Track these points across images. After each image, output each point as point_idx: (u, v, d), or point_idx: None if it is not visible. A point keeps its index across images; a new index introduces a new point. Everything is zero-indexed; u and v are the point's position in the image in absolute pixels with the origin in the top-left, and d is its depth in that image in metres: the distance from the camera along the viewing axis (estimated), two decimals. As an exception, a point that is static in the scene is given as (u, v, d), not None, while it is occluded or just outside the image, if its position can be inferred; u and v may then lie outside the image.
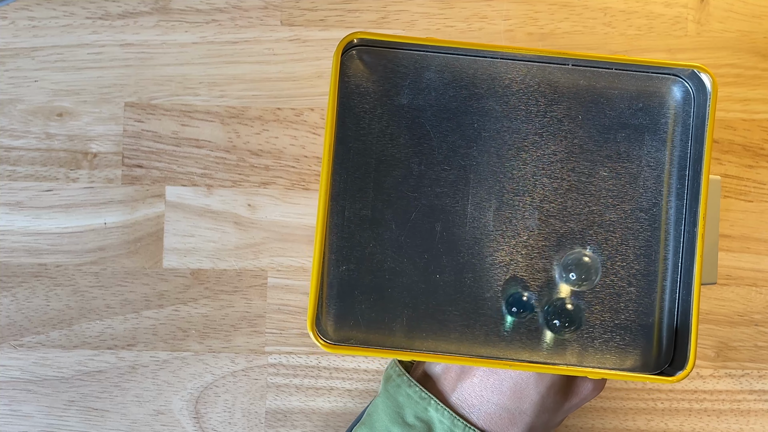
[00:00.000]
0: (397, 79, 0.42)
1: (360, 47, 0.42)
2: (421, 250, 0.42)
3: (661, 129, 0.42)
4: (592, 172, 0.42)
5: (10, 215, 0.58)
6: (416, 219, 0.42)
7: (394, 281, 0.42)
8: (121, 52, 0.59)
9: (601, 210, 0.42)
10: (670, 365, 0.42)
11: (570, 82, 0.42)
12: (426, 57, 0.42)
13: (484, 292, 0.42)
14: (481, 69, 0.42)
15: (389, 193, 0.42)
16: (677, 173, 0.42)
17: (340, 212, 0.42)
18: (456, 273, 0.42)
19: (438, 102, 0.42)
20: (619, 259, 0.42)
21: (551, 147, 0.42)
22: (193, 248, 0.58)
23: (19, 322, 0.58)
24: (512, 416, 0.45)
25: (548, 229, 0.42)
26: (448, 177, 0.42)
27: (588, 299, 0.42)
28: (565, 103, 0.42)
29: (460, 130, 0.42)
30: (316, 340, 0.40)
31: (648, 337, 0.42)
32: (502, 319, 0.42)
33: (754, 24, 0.59)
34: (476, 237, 0.42)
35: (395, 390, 0.47)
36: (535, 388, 0.44)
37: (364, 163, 0.42)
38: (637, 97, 0.42)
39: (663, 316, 0.42)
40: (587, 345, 0.42)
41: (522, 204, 0.42)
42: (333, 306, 0.42)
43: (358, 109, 0.42)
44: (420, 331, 0.42)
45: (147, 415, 0.58)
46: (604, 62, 0.42)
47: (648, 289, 0.42)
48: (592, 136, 0.42)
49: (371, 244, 0.42)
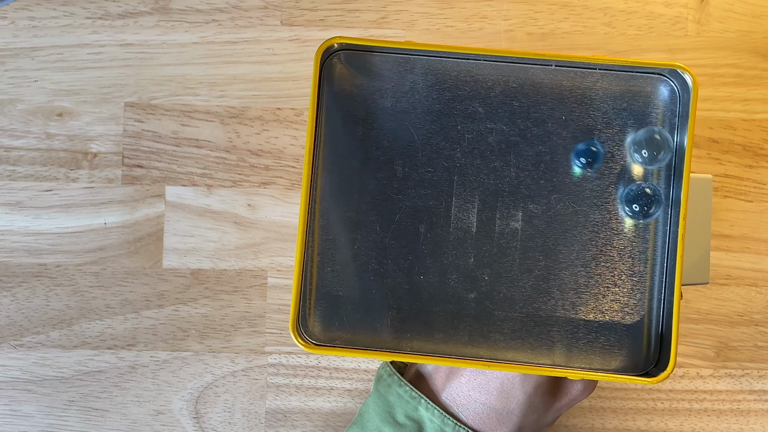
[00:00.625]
0: (380, 82, 0.42)
1: (343, 51, 0.42)
2: (406, 251, 0.42)
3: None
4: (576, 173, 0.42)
5: (10, 215, 0.58)
6: (400, 220, 0.42)
7: (379, 282, 0.42)
8: (121, 52, 0.59)
9: (585, 211, 0.42)
10: (655, 366, 0.42)
11: (553, 82, 0.42)
12: (409, 60, 0.42)
13: (468, 293, 0.42)
14: (464, 71, 0.42)
15: (373, 195, 0.42)
16: (664, 173, 0.42)
17: (325, 214, 0.42)
18: (440, 274, 0.42)
19: (421, 104, 0.42)
20: (603, 260, 0.42)
21: (535, 148, 0.42)
22: (193, 248, 0.58)
23: (19, 322, 0.58)
24: (500, 416, 0.45)
25: (532, 230, 0.42)
26: (432, 179, 0.42)
27: (573, 299, 0.42)
28: (548, 104, 0.42)
29: (443, 132, 0.42)
30: (298, 342, 0.41)
31: (634, 338, 0.42)
32: (491, 320, 0.42)
33: (754, 24, 0.59)
34: (460, 238, 0.42)
35: (386, 390, 0.47)
36: (521, 388, 0.44)
37: (349, 166, 0.42)
38: (621, 96, 0.42)
39: (650, 317, 0.42)
40: (572, 345, 0.42)
41: (505, 205, 0.42)
42: (319, 307, 0.42)
43: (341, 111, 0.42)
44: (405, 332, 0.42)
45: (147, 415, 0.58)
46: (586, 63, 0.42)
47: (633, 289, 0.42)
48: (576, 137, 0.42)
49: (356, 246, 0.42)
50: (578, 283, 0.42)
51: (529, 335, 0.42)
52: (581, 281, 0.42)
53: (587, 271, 0.42)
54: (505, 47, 0.59)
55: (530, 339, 0.42)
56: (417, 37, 0.59)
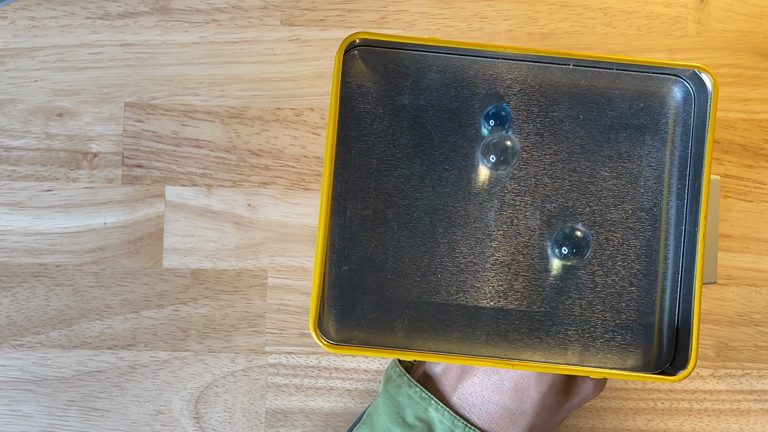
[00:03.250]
0: (398, 80, 0.42)
1: (361, 47, 0.42)
2: (423, 250, 0.42)
3: (662, 129, 0.42)
4: (593, 172, 0.42)
5: (10, 215, 0.58)
6: (418, 219, 0.42)
7: (396, 281, 0.42)
8: (121, 52, 0.59)
9: (602, 210, 0.42)
10: (671, 365, 0.42)
11: (571, 82, 0.42)
12: (427, 57, 0.42)
13: (486, 292, 0.42)
14: (482, 69, 0.42)
15: (391, 194, 0.42)
16: (678, 173, 0.42)
17: (342, 212, 0.42)
18: (457, 273, 0.42)
19: (439, 102, 0.42)
20: (620, 259, 0.42)
21: (552, 147, 0.42)
22: (193, 248, 0.58)
23: (19, 322, 0.58)
24: (513, 416, 0.45)
25: (550, 229, 0.42)
26: (449, 177, 0.42)
27: (590, 298, 0.42)
28: (566, 104, 0.42)
29: (461, 130, 0.42)
30: (319, 341, 0.40)
31: (649, 337, 0.42)
32: (508, 319, 0.42)
33: (754, 24, 0.59)
34: (477, 237, 0.42)
35: (396, 390, 0.47)
36: (536, 387, 0.44)
37: (366, 164, 0.42)
38: (638, 97, 0.42)
39: (664, 315, 0.42)
40: (588, 345, 0.42)
41: (523, 204, 0.42)
42: (335, 306, 0.42)
43: (359, 109, 0.42)
44: (422, 331, 0.42)
45: (147, 415, 0.58)
46: (604, 62, 0.42)
47: (649, 288, 0.42)
48: (593, 136, 0.42)
49: (373, 245, 0.42)
50: (595, 282, 0.42)
51: (546, 334, 0.42)
52: (598, 280, 0.42)
53: (603, 270, 0.42)
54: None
55: (548, 338, 0.42)
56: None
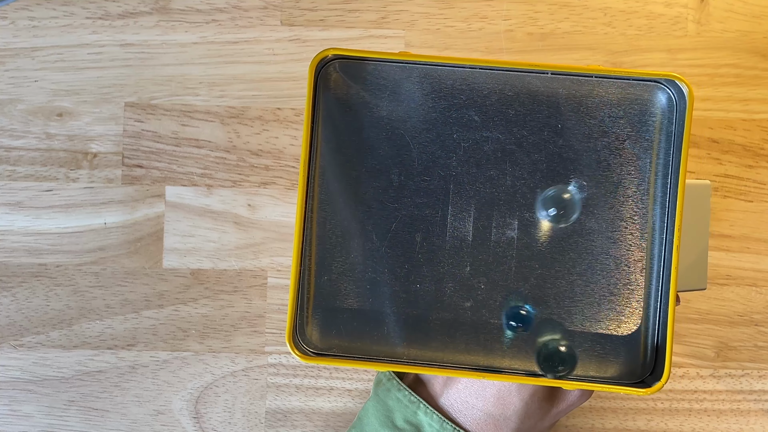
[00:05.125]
0: (376, 91, 0.42)
1: (339, 60, 0.42)
2: (402, 260, 0.42)
3: (643, 137, 0.42)
4: (572, 181, 0.42)
5: (10, 215, 0.58)
6: (397, 229, 0.42)
7: (376, 291, 0.42)
8: (121, 52, 0.59)
9: (581, 219, 0.42)
10: (651, 374, 0.42)
11: (549, 90, 0.42)
12: (405, 68, 0.42)
13: (464, 302, 0.42)
14: (460, 79, 0.42)
15: (370, 204, 0.42)
16: (661, 181, 0.42)
17: (322, 223, 0.42)
18: (436, 282, 0.42)
19: (417, 113, 0.42)
20: (600, 269, 0.42)
21: (531, 156, 0.42)
22: (193, 248, 0.58)
23: (19, 322, 0.58)
24: (497, 422, 0.45)
25: (528, 238, 0.42)
26: (428, 187, 0.42)
27: (569, 308, 0.42)
28: (544, 112, 0.42)
29: (439, 141, 0.42)
30: (294, 352, 0.41)
31: (630, 347, 0.42)
32: (487, 328, 0.42)
33: (754, 24, 0.59)
34: (456, 247, 0.42)
35: (385, 394, 0.47)
36: (518, 395, 0.44)
37: (345, 175, 0.42)
38: (617, 104, 0.42)
39: (647, 325, 0.42)
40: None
41: (501, 213, 0.42)
42: (317, 316, 0.42)
43: (337, 120, 0.42)
44: (402, 340, 0.42)
45: (147, 415, 0.58)
46: (582, 72, 0.42)
47: (629, 298, 0.42)
48: (572, 145, 0.42)
49: (352, 255, 0.42)
50: (574, 292, 0.42)
51: (525, 343, 0.42)
52: (577, 290, 0.42)
53: (583, 279, 0.42)
54: (505, 47, 0.59)
55: (526, 347, 0.42)
56: (417, 37, 0.59)
